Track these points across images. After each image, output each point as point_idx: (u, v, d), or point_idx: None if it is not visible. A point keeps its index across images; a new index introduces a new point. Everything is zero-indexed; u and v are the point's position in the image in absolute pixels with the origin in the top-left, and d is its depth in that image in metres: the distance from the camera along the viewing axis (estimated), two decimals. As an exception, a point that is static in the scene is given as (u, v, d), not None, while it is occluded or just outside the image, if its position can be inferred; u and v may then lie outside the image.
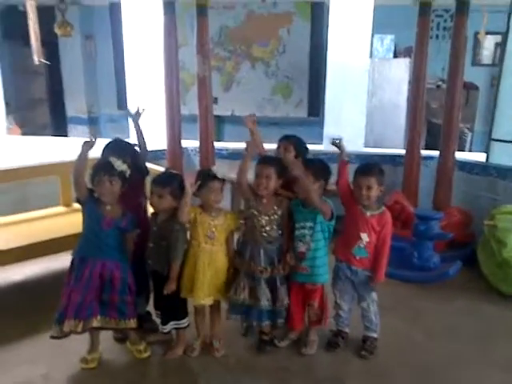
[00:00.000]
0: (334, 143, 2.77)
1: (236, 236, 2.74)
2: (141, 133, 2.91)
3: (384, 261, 2.65)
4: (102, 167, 2.45)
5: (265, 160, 2.66)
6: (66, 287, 2.46)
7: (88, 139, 2.42)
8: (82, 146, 2.41)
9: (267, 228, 2.59)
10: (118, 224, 2.48)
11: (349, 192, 2.67)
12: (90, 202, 2.46)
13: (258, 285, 2.59)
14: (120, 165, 2.44)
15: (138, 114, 2.94)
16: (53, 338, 2.47)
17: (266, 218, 2.58)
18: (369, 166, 2.68)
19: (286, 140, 2.93)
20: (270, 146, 3.02)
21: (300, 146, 2.93)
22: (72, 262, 2.51)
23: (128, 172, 2.48)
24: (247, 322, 2.75)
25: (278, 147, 2.94)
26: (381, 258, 2.64)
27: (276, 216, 2.60)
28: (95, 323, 2.46)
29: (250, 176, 2.62)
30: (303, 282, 2.68)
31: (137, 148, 2.87)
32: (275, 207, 2.60)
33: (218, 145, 4.88)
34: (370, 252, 2.65)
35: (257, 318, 2.66)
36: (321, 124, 5.25)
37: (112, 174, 2.42)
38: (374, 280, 2.66)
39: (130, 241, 2.58)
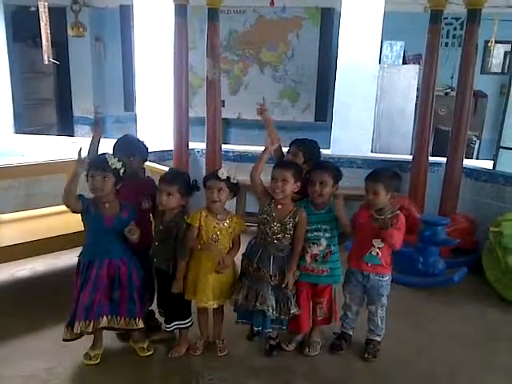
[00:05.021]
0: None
1: (249, 238, 2.68)
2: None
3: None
4: (97, 163, 2.43)
5: (281, 163, 2.62)
6: (75, 291, 2.46)
7: (82, 158, 2.37)
8: (76, 166, 2.36)
9: (279, 236, 2.52)
10: (119, 218, 2.46)
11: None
12: (87, 209, 2.42)
13: (263, 291, 2.52)
14: (115, 162, 2.42)
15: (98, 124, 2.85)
16: (65, 340, 2.48)
17: (279, 225, 2.51)
18: (377, 171, 2.63)
19: (294, 146, 2.83)
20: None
21: (310, 153, 2.81)
22: (78, 266, 2.51)
23: (122, 170, 2.44)
24: (252, 328, 2.69)
25: (288, 153, 2.84)
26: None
27: (290, 225, 2.52)
28: (104, 323, 2.47)
29: (268, 176, 2.55)
30: (322, 283, 2.67)
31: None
32: (290, 216, 2.52)
33: (223, 147, 4.89)
34: (383, 260, 2.62)
35: (261, 324, 2.59)
36: (328, 129, 5.25)
37: (106, 170, 2.40)
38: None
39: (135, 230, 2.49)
